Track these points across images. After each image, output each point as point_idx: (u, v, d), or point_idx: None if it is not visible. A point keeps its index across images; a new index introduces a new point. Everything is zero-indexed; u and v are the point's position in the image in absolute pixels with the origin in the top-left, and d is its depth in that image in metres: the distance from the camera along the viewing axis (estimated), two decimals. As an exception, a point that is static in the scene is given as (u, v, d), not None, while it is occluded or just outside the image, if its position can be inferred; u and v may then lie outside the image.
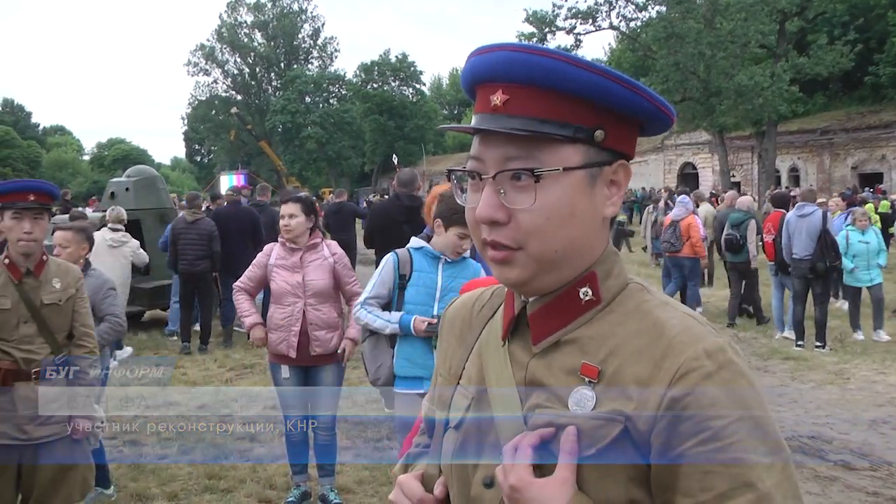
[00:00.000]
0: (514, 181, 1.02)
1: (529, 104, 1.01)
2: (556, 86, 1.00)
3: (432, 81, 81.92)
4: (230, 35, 69.01)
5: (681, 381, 0.95)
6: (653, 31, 29.08)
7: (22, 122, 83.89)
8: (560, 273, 1.06)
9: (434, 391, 1.31)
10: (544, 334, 1.09)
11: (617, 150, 1.06)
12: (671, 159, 40.56)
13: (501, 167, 1.03)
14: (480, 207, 1.03)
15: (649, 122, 1.09)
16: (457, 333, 1.28)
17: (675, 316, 1.03)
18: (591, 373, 1.02)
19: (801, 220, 9.39)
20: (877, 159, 31.95)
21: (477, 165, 1.06)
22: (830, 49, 28.51)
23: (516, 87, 1.02)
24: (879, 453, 5.79)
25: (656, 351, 0.99)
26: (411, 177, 7.26)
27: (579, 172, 1.03)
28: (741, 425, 0.94)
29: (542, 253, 1.03)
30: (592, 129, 1.03)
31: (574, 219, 1.03)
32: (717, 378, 0.95)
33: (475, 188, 1.07)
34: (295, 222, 4.66)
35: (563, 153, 1.02)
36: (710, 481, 0.93)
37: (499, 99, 1.03)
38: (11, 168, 63.34)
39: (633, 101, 1.03)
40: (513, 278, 1.06)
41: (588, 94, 1.01)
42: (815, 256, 9.21)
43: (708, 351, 0.97)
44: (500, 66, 1.03)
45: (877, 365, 8.59)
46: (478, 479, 1.10)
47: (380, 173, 63.00)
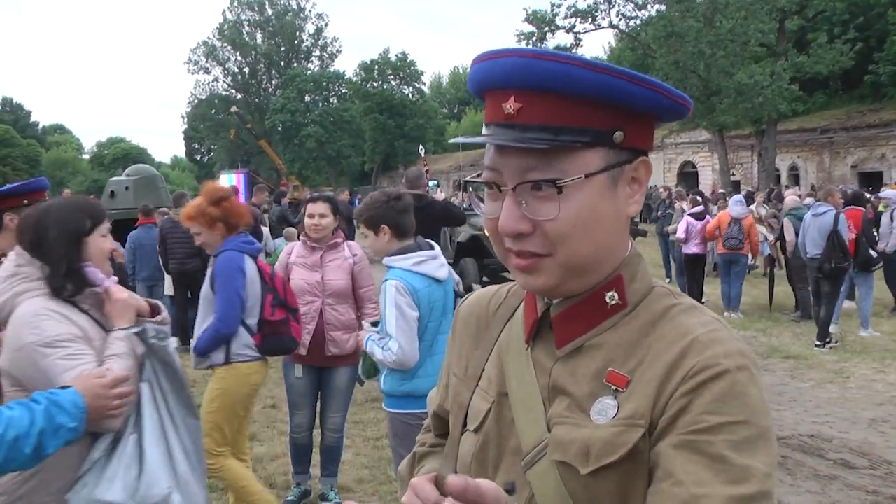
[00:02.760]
0: (535, 191, 1.00)
1: (544, 111, 0.98)
2: (570, 90, 0.97)
3: (432, 80, 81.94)
4: (231, 33, 69.00)
5: (695, 375, 0.95)
6: (653, 29, 29.10)
7: (22, 121, 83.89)
8: (587, 277, 1.05)
9: (446, 389, 1.29)
10: (569, 338, 1.07)
11: (636, 147, 1.04)
12: (671, 158, 40.53)
13: (521, 178, 1.00)
14: (503, 221, 1.01)
15: (666, 114, 1.06)
16: (472, 332, 1.25)
17: (700, 321, 1.02)
18: (620, 382, 1.00)
19: (815, 220, 9.50)
20: (877, 158, 31.92)
21: (494, 176, 1.03)
22: (830, 48, 28.52)
23: (529, 95, 0.98)
24: (879, 452, 5.79)
25: (676, 350, 0.98)
26: (417, 175, 7.32)
27: (601, 176, 1.00)
28: (742, 429, 0.93)
29: (571, 259, 1.01)
30: (611, 132, 1.00)
31: (599, 223, 1.01)
32: (729, 378, 0.94)
33: (493, 197, 1.05)
34: (325, 222, 4.63)
35: (583, 159, 0.99)
36: (692, 467, 0.91)
37: (511, 107, 0.99)
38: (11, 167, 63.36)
39: (651, 98, 1.01)
40: (539, 285, 1.05)
41: (605, 96, 0.98)
42: (823, 256, 9.27)
43: (727, 353, 0.97)
44: (510, 72, 0.99)
45: (876, 364, 8.59)
46: (498, 484, 1.09)
47: (380, 172, 62.97)
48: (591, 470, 0.98)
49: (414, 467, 1.35)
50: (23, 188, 3.28)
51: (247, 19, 70.43)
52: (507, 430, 1.10)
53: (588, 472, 0.98)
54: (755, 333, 10.40)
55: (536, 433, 1.05)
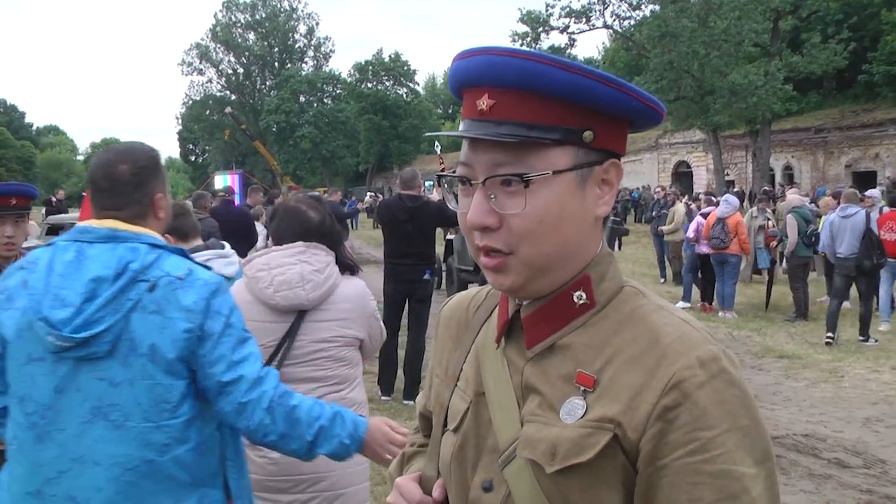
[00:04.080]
0: (504, 186, 1.01)
1: (516, 108, 1.00)
2: (541, 89, 0.99)
3: (426, 80, 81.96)
4: (224, 34, 68.90)
5: (673, 390, 0.95)
6: (647, 29, 29.08)
7: (15, 122, 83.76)
8: (554, 276, 1.06)
9: (430, 391, 1.31)
10: (538, 339, 1.08)
11: (607, 148, 1.05)
12: (665, 158, 40.59)
13: (490, 173, 1.02)
14: (471, 213, 1.03)
15: (638, 119, 1.08)
16: (452, 334, 1.28)
17: (670, 322, 1.03)
18: (587, 382, 1.01)
19: (846, 221, 9.74)
20: (870, 158, 32.00)
21: (466, 171, 1.05)
22: (824, 47, 28.54)
23: (501, 92, 1.01)
24: (873, 451, 5.81)
25: (650, 359, 0.98)
26: (411, 175, 7.32)
27: (569, 174, 1.02)
28: (730, 436, 0.94)
29: (534, 257, 1.02)
30: (580, 131, 1.02)
31: (565, 221, 1.02)
32: (709, 388, 0.95)
33: (466, 193, 1.07)
34: None
35: (551, 156, 1.01)
36: (697, 492, 0.93)
37: (485, 104, 1.02)
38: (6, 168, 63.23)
39: (620, 100, 1.02)
40: (507, 284, 1.06)
41: (574, 95, 1.00)
42: (861, 254, 9.49)
43: (701, 360, 0.97)
44: (484, 70, 1.02)
45: (870, 363, 8.61)
46: (476, 483, 1.10)
47: (374, 173, 62.96)
48: (556, 469, 0.99)
49: (402, 467, 1.37)
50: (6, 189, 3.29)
51: (238, 21, 70.36)
52: (485, 429, 1.11)
53: (554, 471, 0.99)
54: (749, 333, 10.43)
55: (511, 431, 1.06)
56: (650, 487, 0.96)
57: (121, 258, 1.89)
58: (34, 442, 1.86)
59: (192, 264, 1.97)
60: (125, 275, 1.87)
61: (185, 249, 2.04)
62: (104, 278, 1.86)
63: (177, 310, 1.87)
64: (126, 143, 2.15)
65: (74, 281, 1.86)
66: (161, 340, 1.85)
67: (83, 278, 1.86)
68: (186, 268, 1.94)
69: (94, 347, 1.83)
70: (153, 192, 2.03)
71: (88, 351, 1.83)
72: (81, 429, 1.84)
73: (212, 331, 1.89)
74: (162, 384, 1.86)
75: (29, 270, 1.92)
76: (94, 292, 1.84)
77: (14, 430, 1.91)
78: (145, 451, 1.85)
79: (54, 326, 1.81)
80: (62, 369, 1.85)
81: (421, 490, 1.21)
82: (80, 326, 1.81)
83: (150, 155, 2.06)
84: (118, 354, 1.84)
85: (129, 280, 1.87)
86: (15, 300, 1.90)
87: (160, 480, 1.87)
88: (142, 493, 1.85)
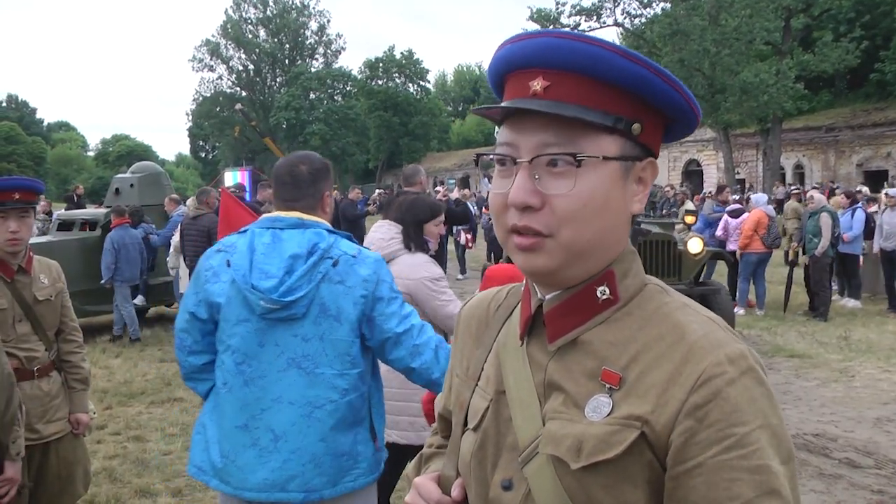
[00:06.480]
0: (549, 167, 1.01)
1: (572, 91, 1.00)
2: (600, 74, 0.99)
3: (437, 78, 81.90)
4: (235, 31, 68.99)
5: (703, 386, 0.94)
6: (658, 27, 29.04)
7: (27, 118, 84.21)
8: (585, 265, 1.05)
9: (449, 391, 1.30)
10: (560, 333, 1.07)
11: (648, 145, 1.06)
12: (675, 156, 40.47)
13: (539, 152, 1.01)
14: (514, 191, 1.01)
15: (677, 121, 1.08)
16: (473, 333, 1.27)
17: (695, 320, 1.02)
18: (613, 380, 1.01)
19: None
20: (882, 156, 31.82)
21: (510, 150, 1.04)
22: (836, 46, 28.40)
23: (558, 74, 1.00)
24: (884, 451, 5.79)
25: (677, 356, 0.98)
26: (412, 172, 7.30)
27: (616, 164, 1.02)
28: (763, 433, 0.93)
29: (574, 241, 1.01)
30: (632, 122, 1.02)
31: (608, 210, 1.02)
32: (739, 384, 0.95)
33: (504, 174, 1.05)
34: None
35: (601, 142, 1.01)
36: (736, 489, 0.91)
37: (539, 84, 1.01)
38: (17, 164, 63.57)
39: (673, 97, 1.03)
40: (539, 266, 1.04)
41: (631, 85, 1.00)
42: None
43: (730, 357, 0.96)
44: (542, 51, 1.01)
45: (882, 363, 8.57)
46: (496, 482, 1.09)
47: (384, 170, 62.96)
48: (581, 465, 0.98)
49: (420, 468, 1.36)
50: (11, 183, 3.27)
51: (249, 18, 70.44)
52: (505, 427, 1.10)
53: (579, 468, 0.98)
54: (760, 332, 10.39)
55: (532, 429, 1.06)
56: (683, 487, 0.95)
57: (309, 240, 2.39)
58: (242, 386, 2.36)
59: (359, 246, 2.48)
60: (315, 253, 2.37)
61: (350, 234, 2.55)
62: (299, 255, 2.36)
63: (356, 280, 2.38)
64: (303, 151, 2.72)
65: (275, 258, 2.36)
66: (345, 304, 2.36)
67: (282, 256, 2.36)
68: (356, 248, 2.45)
69: (293, 310, 2.32)
70: (323, 190, 2.54)
71: (289, 312, 2.32)
72: (279, 376, 2.34)
73: (382, 295, 2.41)
74: (345, 340, 2.36)
75: (228, 252, 2.42)
76: (292, 267, 2.34)
77: (224, 377, 2.40)
78: (330, 393, 2.35)
79: (264, 293, 2.29)
80: (263, 327, 2.34)
81: (439, 490, 1.20)
82: (284, 293, 2.30)
83: (323, 161, 2.59)
84: (310, 315, 2.34)
85: (318, 257, 2.36)
86: (220, 275, 2.40)
87: (338, 419, 2.35)
88: (324, 427, 2.34)
